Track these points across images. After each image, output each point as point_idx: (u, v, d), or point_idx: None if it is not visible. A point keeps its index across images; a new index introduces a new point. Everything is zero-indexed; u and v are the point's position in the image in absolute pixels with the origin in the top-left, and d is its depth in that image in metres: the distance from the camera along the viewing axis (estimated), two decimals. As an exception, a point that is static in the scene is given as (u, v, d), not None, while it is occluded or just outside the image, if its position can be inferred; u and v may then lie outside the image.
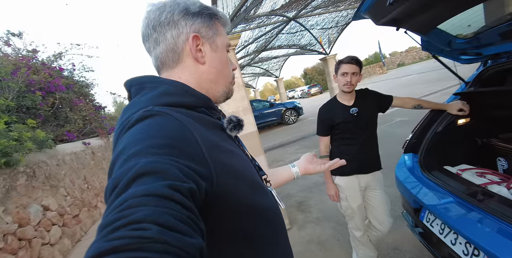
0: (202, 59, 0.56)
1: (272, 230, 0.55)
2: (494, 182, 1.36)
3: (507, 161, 1.51)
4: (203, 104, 0.54)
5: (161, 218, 0.28)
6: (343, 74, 1.53)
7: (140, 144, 0.38)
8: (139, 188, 0.31)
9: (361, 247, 1.79)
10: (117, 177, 0.34)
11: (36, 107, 4.16)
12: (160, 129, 0.41)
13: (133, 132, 0.42)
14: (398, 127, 5.55)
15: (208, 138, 0.46)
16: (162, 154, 0.36)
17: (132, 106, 0.48)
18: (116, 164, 0.38)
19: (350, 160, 1.61)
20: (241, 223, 0.48)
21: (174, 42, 0.54)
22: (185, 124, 0.43)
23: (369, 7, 1.36)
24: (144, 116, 0.43)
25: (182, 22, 0.53)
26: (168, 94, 0.49)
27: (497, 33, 1.38)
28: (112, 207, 0.30)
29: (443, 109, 1.65)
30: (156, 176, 0.33)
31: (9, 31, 4.15)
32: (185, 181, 0.34)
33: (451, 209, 1.26)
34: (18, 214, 2.64)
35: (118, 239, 0.25)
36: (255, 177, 0.56)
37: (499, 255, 0.95)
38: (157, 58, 0.57)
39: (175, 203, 0.30)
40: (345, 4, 5.19)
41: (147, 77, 0.53)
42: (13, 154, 2.71)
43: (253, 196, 0.51)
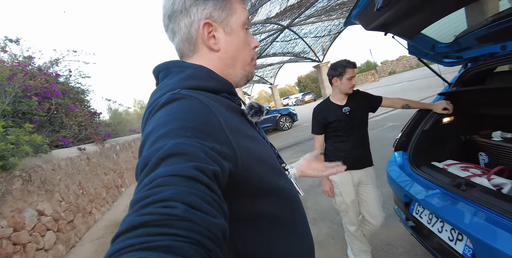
0: (216, 46, 0.54)
1: (293, 212, 0.56)
2: (476, 174, 1.46)
3: (487, 155, 1.61)
4: (226, 90, 0.54)
5: (188, 197, 0.29)
6: (349, 79, 1.62)
7: (168, 126, 0.39)
8: (167, 168, 0.33)
9: (355, 242, 1.85)
10: (147, 156, 0.36)
11: (32, 113, 4.17)
12: (186, 111, 0.42)
13: (161, 114, 0.43)
14: (390, 132, 5.69)
15: (232, 122, 0.47)
16: (189, 136, 0.38)
17: (160, 89, 0.50)
18: (146, 144, 0.40)
19: (344, 156, 1.72)
20: (263, 205, 0.49)
21: (187, 31, 0.53)
22: (210, 108, 0.44)
23: (358, 13, 1.48)
24: (171, 99, 0.44)
25: (193, 8, 0.52)
26: (193, 78, 0.50)
27: (474, 38, 1.51)
28: (142, 184, 0.32)
29: (429, 109, 1.76)
30: (183, 157, 0.34)
31: (6, 37, 4.19)
32: (210, 163, 0.35)
33: (437, 199, 1.35)
34: (13, 218, 2.62)
35: (148, 215, 0.27)
36: (276, 162, 0.57)
37: (480, 237, 1.04)
38: (177, 48, 0.57)
39: (201, 184, 0.32)
40: (337, 13, 5.41)
41: (173, 62, 0.54)
42: (9, 157, 2.71)
43: (275, 179, 0.52)
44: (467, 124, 1.76)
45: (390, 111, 7.76)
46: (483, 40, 1.48)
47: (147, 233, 0.26)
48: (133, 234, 0.26)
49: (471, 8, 1.62)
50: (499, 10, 1.98)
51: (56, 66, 5.26)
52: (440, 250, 1.35)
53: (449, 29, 1.62)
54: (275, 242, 0.52)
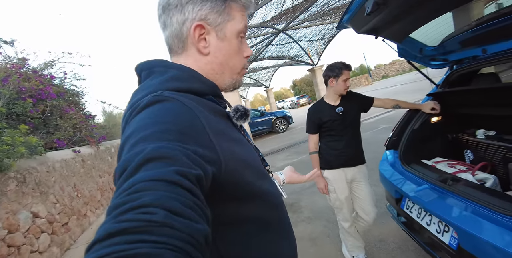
0: (205, 50, 0.53)
1: (277, 215, 0.56)
2: (462, 171, 1.54)
3: (472, 152, 1.70)
4: (211, 92, 0.53)
5: (168, 203, 0.28)
6: (345, 80, 1.69)
7: (149, 129, 0.38)
8: (147, 172, 0.32)
9: (349, 238, 1.90)
10: (126, 160, 0.35)
11: (26, 114, 4.14)
12: (169, 114, 0.41)
13: (142, 116, 0.41)
14: (383, 133, 5.81)
15: (216, 125, 0.46)
16: (171, 139, 0.37)
17: (142, 90, 0.48)
18: (125, 148, 0.38)
19: (338, 154, 1.78)
20: (247, 208, 0.49)
21: (179, 28, 0.52)
22: (193, 110, 0.43)
23: (350, 17, 1.56)
24: (153, 101, 0.43)
25: (189, 6, 0.50)
26: (176, 79, 0.49)
27: (457, 41, 1.60)
28: (121, 189, 0.31)
29: (418, 109, 1.84)
30: (164, 162, 0.33)
31: (0, 39, 4.18)
32: (193, 167, 0.35)
33: (426, 194, 1.41)
34: (7, 220, 2.60)
35: (126, 221, 0.26)
36: (260, 166, 0.57)
37: (465, 227, 1.10)
38: (166, 42, 0.56)
39: (182, 188, 0.31)
40: (331, 17, 5.54)
41: (157, 61, 0.52)
42: (4, 159, 2.70)
43: (259, 182, 0.51)
44: (454, 123, 1.85)
45: (383, 113, 7.92)
46: (465, 44, 1.57)
47: (125, 241, 0.25)
48: (110, 242, 0.25)
49: (458, 13, 1.72)
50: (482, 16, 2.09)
51: (50, 68, 5.24)
52: (430, 243, 1.41)
53: (436, 33, 1.71)
54: (259, 246, 0.51)
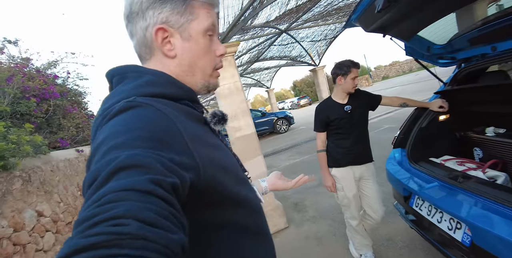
0: (171, 53, 0.51)
1: (257, 221, 0.56)
2: (471, 168, 1.54)
3: (482, 150, 1.70)
4: (187, 97, 0.52)
5: (142, 213, 0.27)
6: (353, 78, 1.69)
7: (122, 136, 0.36)
8: (120, 182, 0.30)
9: (357, 236, 1.90)
10: (97, 169, 0.33)
11: (30, 114, 4.14)
12: (142, 120, 0.39)
13: (114, 123, 0.40)
14: (386, 134, 5.81)
15: (193, 130, 0.45)
16: (145, 147, 0.35)
17: (114, 95, 0.46)
18: (96, 156, 0.36)
19: (345, 152, 1.79)
20: (227, 215, 0.48)
21: (143, 34, 0.50)
22: (169, 116, 0.42)
23: (359, 15, 1.56)
24: (126, 107, 0.41)
25: (150, 11, 0.49)
26: (151, 85, 0.47)
27: (466, 39, 1.60)
28: (90, 201, 0.29)
29: (426, 107, 1.84)
30: (137, 170, 0.31)
31: (5, 38, 4.19)
32: (168, 175, 0.33)
33: (436, 191, 1.41)
34: (13, 218, 2.60)
35: (95, 236, 0.24)
36: (239, 171, 0.56)
37: (478, 224, 1.10)
38: (135, 50, 0.55)
39: (157, 198, 0.30)
40: (333, 18, 5.55)
41: (130, 67, 0.51)
42: (9, 157, 2.70)
43: (238, 188, 0.51)
44: (462, 121, 1.85)
45: (386, 114, 7.92)
46: (474, 42, 1.58)
47: (94, 257, 0.23)
48: None
49: (461, 13, 1.72)
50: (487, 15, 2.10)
51: (54, 68, 5.25)
52: (441, 241, 1.41)
53: (444, 31, 1.71)
54: (236, 252, 0.50)
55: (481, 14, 2.18)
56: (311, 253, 2.30)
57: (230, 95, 2.71)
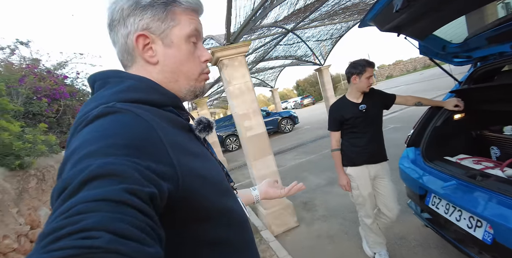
0: (152, 59, 0.51)
1: (242, 233, 0.54)
2: (489, 167, 1.54)
3: (499, 149, 1.70)
4: (171, 103, 0.50)
5: (114, 225, 0.25)
6: (368, 77, 1.70)
7: (97, 143, 0.34)
8: (91, 191, 0.28)
9: (371, 234, 1.91)
10: (67, 178, 0.31)
11: (42, 114, 4.21)
12: (121, 127, 0.38)
13: (89, 129, 0.38)
14: (391, 133, 5.79)
15: (175, 138, 0.43)
16: (121, 154, 0.33)
17: (93, 101, 0.44)
18: (68, 164, 0.34)
19: (360, 151, 1.80)
20: (209, 227, 0.46)
21: (124, 42, 0.50)
22: (150, 123, 0.40)
23: (375, 15, 1.57)
24: (104, 112, 0.39)
25: (131, 18, 0.48)
26: (133, 90, 0.46)
27: (484, 38, 1.60)
28: (58, 212, 0.26)
29: (440, 106, 1.85)
30: (111, 179, 0.30)
31: (17, 40, 4.25)
32: (145, 184, 0.31)
33: (455, 190, 1.42)
34: (30, 216, 2.65)
35: (60, 250, 0.22)
36: (222, 180, 0.53)
37: (501, 221, 1.10)
38: (118, 58, 0.54)
39: (132, 208, 0.28)
40: (340, 17, 5.55)
41: (112, 72, 0.50)
42: (25, 157, 2.75)
43: (221, 200, 0.49)
44: (478, 120, 1.85)
45: (391, 113, 7.89)
46: (492, 40, 1.58)
47: None
48: None
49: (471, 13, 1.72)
50: (498, 15, 2.10)
51: (63, 68, 5.32)
52: (459, 239, 1.42)
53: (460, 30, 1.72)
54: None
55: (491, 13, 2.17)
56: (323, 251, 2.31)
57: (241, 95, 2.73)
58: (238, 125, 2.85)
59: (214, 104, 17.97)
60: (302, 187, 0.83)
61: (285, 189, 0.83)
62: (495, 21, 1.50)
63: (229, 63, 2.65)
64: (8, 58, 4.39)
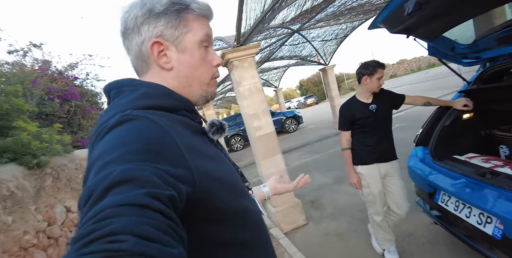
0: (167, 65, 0.52)
1: (258, 233, 0.54)
2: (498, 165, 1.57)
3: (508, 148, 1.74)
4: (184, 107, 0.52)
5: (139, 228, 0.27)
6: (378, 78, 1.75)
7: (117, 150, 0.36)
8: (116, 197, 0.30)
9: (380, 231, 1.96)
10: (92, 185, 0.32)
11: (54, 114, 4.31)
12: (138, 133, 0.39)
13: (110, 137, 0.40)
14: (397, 132, 5.78)
15: (190, 141, 0.45)
16: (140, 160, 0.35)
17: (110, 110, 0.47)
18: (92, 172, 0.36)
19: (371, 150, 1.85)
20: (225, 228, 0.47)
21: (139, 49, 0.52)
22: (165, 128, 0.42)
23: (386, 17, 1.62)
24: (121, 121, 0.41)
25: (145, 26, 0.50)
26: (147, 97, 0.48)
27: (493, 39, 1.64)
28: (86, 218, 0.28)
29: (449, 106, 1.89)
30: (133, 184, 0.31)
31: (31, 42, 4.37)
32: (165, 188, 0.33)
33: (465, 187, 1.46)
34: (47, 213, 2.74)
35: (91, 254, 0.24)
36: (239, 182, 0.55)
37: (510, 217, 1.15)
38: (132, 65, 0.56)
39: (154, 211, 0.29)
40: (345, 18, 5.58)
41: (126, 80, 0.52)
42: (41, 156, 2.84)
43: (237, 201, 0.50)
44: (487, 119, 1.89)
45: (396, 113, 7.89)
46: (502, 41, 1.61)
47: None
48: None
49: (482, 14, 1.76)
50: (506, 17, 2.12)
51: (73, 70, 5.43)
52: (470, 235, 1.46)
53: (469, 31, 1.75)
54: None
55: (499, 12, 2.19)
56: (332, 248, 2.36)
57: (250, 96, 2.78)
58: (247, 125, 2.91)
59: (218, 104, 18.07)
60: (308, 179, 0.87)
61: (293, 182, 0.87)
62: (505, 23, 1.54)
63: (239, 64, 2.71)
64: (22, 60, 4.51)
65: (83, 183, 0.40)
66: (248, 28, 2.74)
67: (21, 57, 4.52)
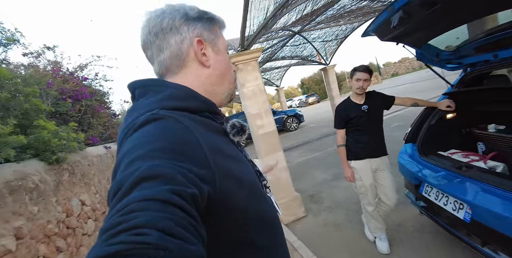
0: (207, 63, 0.57)
1: (273, 236, 0.55)
2: (475, 160, 1.77)
3: (484, 144, 1.93)
4: (207, 109, 0.54)
5: (162, 223, 0.28)
6: (357, 80, 1.95)
7: (144, 147, 0.38)
8: (142, 192, 0.31)
9: (372, 220, 2.16)
10: (120, 180, 0.34)
11: (67, 113, 4.54)
12: (164, 132, 0.41)
13: (138, 135, 0.42)
14: (395, 131, 5.98)
15: (212, 142, 0.46)
16: (166, 158, 0.37)
17: (138, 108, 0.49)
18: (120, 167, 0.38)
19: (364, 147, 2.05)
20: (242, 230, 0.48)
21: (178, 47, 0.54)
22: (189, 128, 0.43)
23: (376, 28, 1.81)
24: (149, 119, 0.43)
25: (184, 27, 0.54)
26: (173, 98, 0.49)
27: (471, 48, 1.83)
28: (114, 210, 0.30)
29: (435, 107, 2.08)
30: (159, 180, 0.33)
31: (45, 45, 4.59)
32: (188, 186, 0.34)
33: (443, 179, 1.66)
34: (65, 205, 2.96)
35: (119, 244, 0.26)
36: (256, 182, 0.56)
37: (478, 203, 1.35)
38: (161, 65, 0.56)
39: (177, 208, 0.31)
40: (345, 19, 5.75)
41: (152, 81, 0.54)
42: (58, 152, 3.07)
43: (254, 202, 0.51)
44: (467, 119, 2.08)
45: (395, 112, 8.06)
46: (478, 50, 1.80)
47: None
48: None
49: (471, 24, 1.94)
50: (498, 22, 2.30)
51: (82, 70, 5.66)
52: (449, 223, 1.66)
53: (452, 40, 1.94)
54: None
55: (492, 21, 2.38)
56: (330, 238, 2.56)
57: (254, 96, 2.98)
58: (250, 124, 3.11)
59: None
60: None
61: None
62: (479, 34, 1.73)
63: (243, 67, 2.91)
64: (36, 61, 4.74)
65: (112, 177, 0.42)
66: (251, 33, 2.94)
67: (34, 59, 4.75)
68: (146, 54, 0.59)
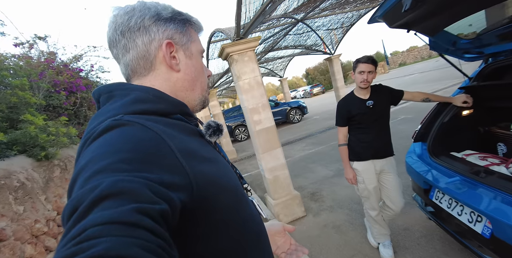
0: (177, 67, 0.53)
1: (255, 242, 0.52)
2: (494, 163, 1.57)
3: (506, 145, 1.72)
4: (179, 111, 0.51)
5: (127, 250, 0.25)
6: (360, 73, 1.74)
7: (106, 159, 0.34)
8: (102, 213, 0.27)
9: (375, 225, 2.00)
10: (77, 198, 0.30)
11: (61, 107, 4.41)
12: (129, 140, 0.37)
13: (97, 144, 0.38)
14: (401, 124, 5.74)
15: (186, 146, 0.43)
16: (131, 170, 0.33)
17: (100, 115, 0.44)
18: (77, 183, 0.34)
19: (366, 147, 1.85)
20: (223, 238, 0.45)
21: (145, 49, 0.51)
22: (158, 133, 0.40)
23: (384, 13, 1.58)
24: (111, 126, 0.39)
25: (153, 27, 0.51)
26: (140, 101, 0.46)
27: (496, 34, 1.59)
28: (69, 237, 0.26)
29: (449, 102, 1.86)
30: (121, 198, 0.29)
31: (36, 35, 4.41)
32: (156, 201, 0.31)
33: (458, 186, 1.47)
34: (56, 202, 2.87)
35: None
36: (237, 185, 0.53)
37: (499, 217, 1.16)
38: (127, 66, 0.53)
39: (143, 229, 0.27)
40: (351, 6, 5.40)
41: (117, 84, 0.50)
42: (49, 148, 2.95)
43: (236, 206, 0.48)
44: (486, 116, 1.86)
45: (402, 104, 7.77)
46: (504, 37, 1.56)
47: None
48: None
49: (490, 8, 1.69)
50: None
51: (78, 61, 5.48)
52: (460, 232, 1.49)
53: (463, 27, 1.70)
54: None
55: None
56: (329, 240, 2.42)
57: (250, 90, 2.79)
58: (247, 119, 2.93)
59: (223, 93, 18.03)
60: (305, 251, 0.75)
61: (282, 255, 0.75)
62: (506, 19, 1.48)
63: (239, 58, 2.70)
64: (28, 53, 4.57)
65: (67, 194, 0.37)
66: (248, 21, 2.70)
67: (27, 50, 4.58)
68: (112, 52, 0.55)
